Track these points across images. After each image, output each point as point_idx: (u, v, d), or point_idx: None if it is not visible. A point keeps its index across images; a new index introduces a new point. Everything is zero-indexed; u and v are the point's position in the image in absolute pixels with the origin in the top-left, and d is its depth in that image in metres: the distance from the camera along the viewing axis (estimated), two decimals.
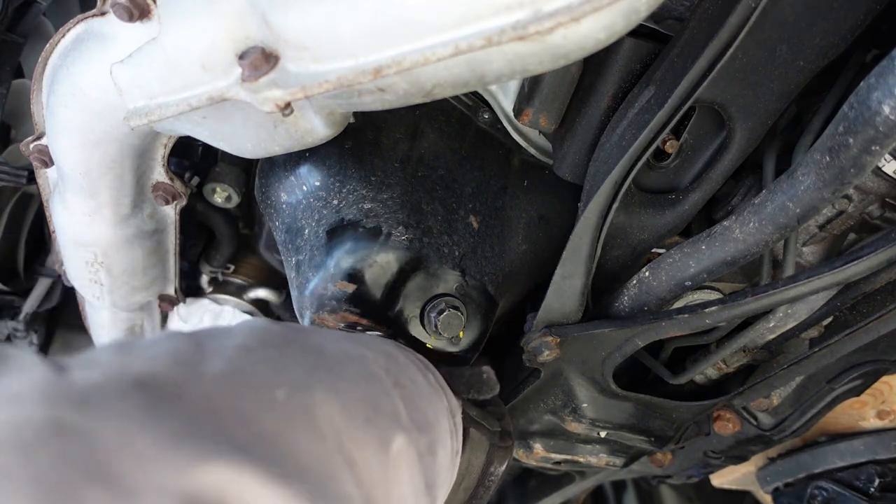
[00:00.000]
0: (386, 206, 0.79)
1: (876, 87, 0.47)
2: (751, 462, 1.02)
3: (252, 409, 0.42)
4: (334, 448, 0.46)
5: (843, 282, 0.58)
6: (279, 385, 0.46)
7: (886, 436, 0.95)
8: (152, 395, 0.38)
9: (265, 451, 0.40)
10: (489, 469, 0.77)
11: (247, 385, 0.44)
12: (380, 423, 0.52)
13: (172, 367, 0.42)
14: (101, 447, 0.33)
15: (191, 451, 0.35)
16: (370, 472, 0.48)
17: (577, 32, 0.46)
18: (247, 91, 0.54)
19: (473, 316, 0.80)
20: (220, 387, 0.42)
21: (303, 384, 0.47)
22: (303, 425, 0.44)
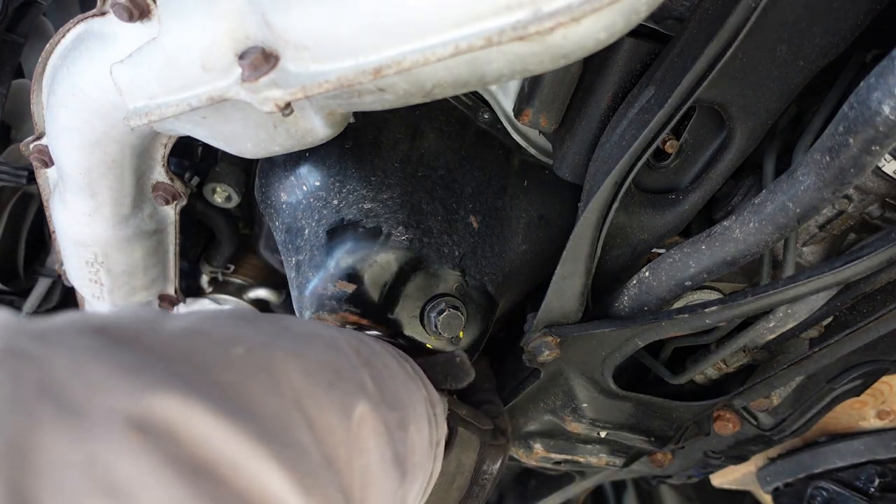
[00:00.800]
0: (386, 206, 0.79)
1: (876, 87, 0.47)
2: (751, 462, 1.02)
3: (207, 360, 0.42)
4: (292, 404, 0.45)
5: (843, 282, 0.58)
6: (238, 343, 0.45)
7: (886, 436, 0.95)
8: (109, 337, 0.39)
9: (218, 394, 0.39)
10: (482, 467, 0.76)
11: (205, 340, 0.44)
12: (343, 388, 0.50)
13: (133, 321, 0.43)
14: (54, 371, 0.34)
15: (142, 382, 0.36)
16: (331, 434, 0.47)
17: (577, 32, 0.46)
18: (247, 91, 0.54)
19: (473, 316, 0.81)
20: (178, 338, 0.43)
21: (263, 344, 0.47)
22: (259, 379, 0.44)
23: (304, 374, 0.47)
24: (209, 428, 0.36)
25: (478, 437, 0.76)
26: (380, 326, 0.77)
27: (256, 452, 0.38)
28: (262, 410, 0.42)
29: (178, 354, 0.41)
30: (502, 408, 0.85)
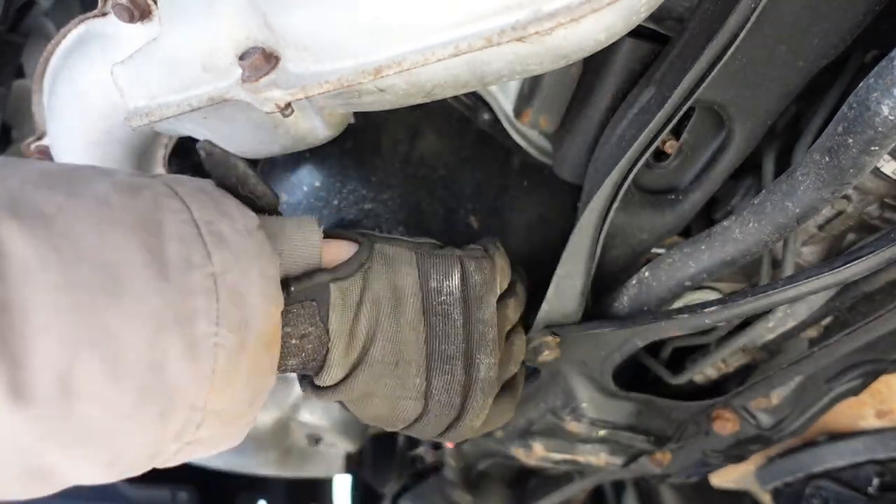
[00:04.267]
0: (386, 206, 0.79)
1: (875, 88, 0.47)
2: (750, 461, 1.02)
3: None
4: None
5: (843, 282, 0.58)
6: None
7: (886, 435, 0.95)
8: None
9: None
10: (429, 285, 0.61)
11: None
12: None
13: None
14: None
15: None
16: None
17: (576, 33, 0.46)
18: (247, 91, 0.54)
19: None
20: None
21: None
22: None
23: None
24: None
25: (409, 249, 0.62)
26: None
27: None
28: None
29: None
30: (490, 244, 0.68)
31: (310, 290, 0.55)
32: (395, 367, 0.60)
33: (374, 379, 0.59)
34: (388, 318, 0.59)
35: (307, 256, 0.57)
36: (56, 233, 0.41)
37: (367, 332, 0.58)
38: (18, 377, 0.38)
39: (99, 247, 0.42)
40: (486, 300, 0.63)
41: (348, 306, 0.57)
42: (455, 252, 0.64)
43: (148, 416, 0.44)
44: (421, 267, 0.61)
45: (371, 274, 0.59)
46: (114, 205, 0.44)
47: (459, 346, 0.62)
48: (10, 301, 0.38)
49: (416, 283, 0.61)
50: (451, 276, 0.62)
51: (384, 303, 0.59)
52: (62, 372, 0.39)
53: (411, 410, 0.63)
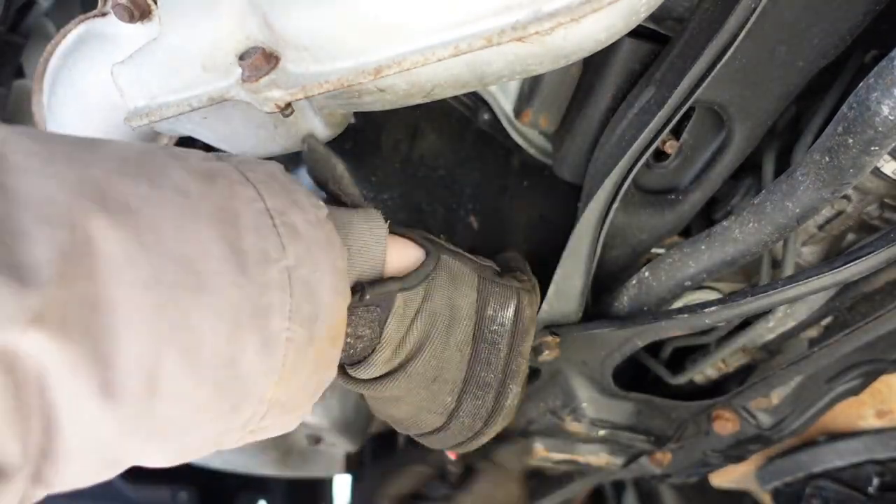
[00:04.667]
0: (386, 206, 0.79)
1: (875, 88, 0.47)
2: (750, 461, 1.02)
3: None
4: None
5: (843, 282, 0.58)
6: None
7: (885, 435, 0.95)
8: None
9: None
10: (485, 312, 0.60)
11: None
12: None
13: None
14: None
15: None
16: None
17: (577, 33, 0.46)
18: (247, 91, 0.54)
19: None
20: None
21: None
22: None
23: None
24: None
25: (473, 269, 0.60)
26: None
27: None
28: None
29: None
30: (530, 275, 0.68)
31: (379, 297, 0.55)
32: (432, 382, 0.60)
33: (409, 388, 0.59)
34: (440, 334, 0.58)
35: (374, 253, 0.56)
36: (142, 227, 0.40)
37: (415, 342, 0.58)
38: (109, 377, 0.38)
39: (181, 240, 0.42)
40: (529, 334, 0.64)
41: (407, 316, 0.56)
42: (514, 283, 0.63)
43: (221, 409, 0.45)
44: (481, 291, 0.61)
45: (433, 286, 0.58)
46: (192, 194, 0.44)
47: (497, 376, 0.62)
48: (101, 299, 0.38)
49: (474, 306, 0.60)
50: (507, 308, 0.61)
51: (440, 319, 0.58)
52: (148, 370, 0.40)
53: (431, 423, 0.64)
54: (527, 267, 0.72)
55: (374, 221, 0.57)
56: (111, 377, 0.38)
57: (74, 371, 0.37)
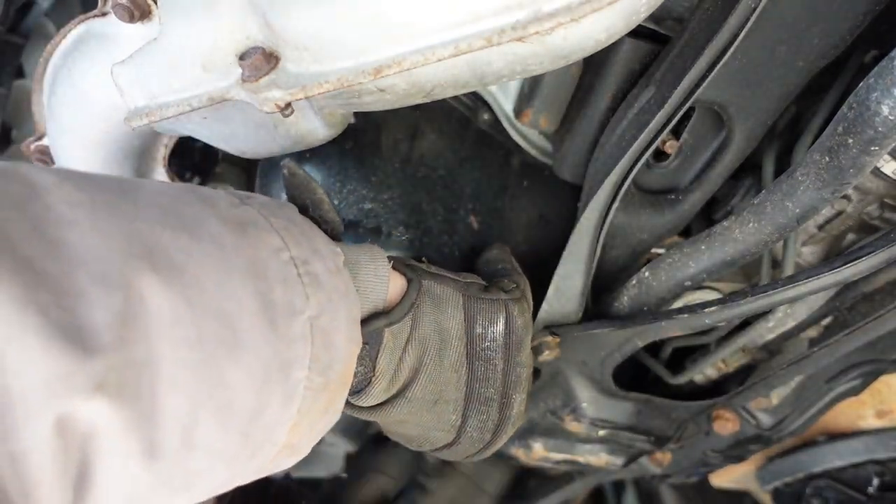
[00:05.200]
0: (386, 206, 0.79)
1: (875, 88, 0.47)
2: (750, 462, 1.02)
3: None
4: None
5: (843, 282, 0.58)
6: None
7: (885, 435, 0.95)
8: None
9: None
10: (475, 330, 0.60)
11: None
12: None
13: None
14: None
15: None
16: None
17: (577, 33, 0.46)
18: (247, 91, 0.54)
19: None
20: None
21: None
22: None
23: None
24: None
25: (456, 290, 0.60)
26: None
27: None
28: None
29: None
30: (518, 276, 0.68)
31: (367, 335, 0.55)
32: (433, 405, 0.60)
33: (411, 412, 0.60)
34: (433, 359, 0.59)
35: (377, 293, 0.57)
36: (188, 284, 0.40)
37: (409, 370, 0.58)
38: (154, 437, 0.38)
39: (221, 296, 0.42)
40: (524, 342, 0.63)
41: (397, 347, 0.57)
42: (501, 296, 0.62)
43: (243, 457, 0.45)
44: (467, 311, 0.60)
45: (419, 314, 0.58)
46: (227, 247, 0.44)
47: (498, 389, 0.62)
48: (151, 359, 0.38)
49: (462, 326, 0.60)
50: (496, 323, 0.61)
51: (430, 345, 0.58)
52: (186, 426, 0.40)
53: (441, 440, 0.64)
54: (513, 264, 0.71)
55: (379, 261, 0.57)
56: (156, 437, 0.38)
57: (125, 434, 0.37)
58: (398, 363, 0.57)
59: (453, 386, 0.60)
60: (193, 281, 0.41)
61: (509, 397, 0.63)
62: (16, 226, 0.35)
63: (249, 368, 0.42)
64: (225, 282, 0.42)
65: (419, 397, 0.59)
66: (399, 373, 0.58)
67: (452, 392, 0.61)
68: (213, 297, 0.41)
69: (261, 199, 0.51)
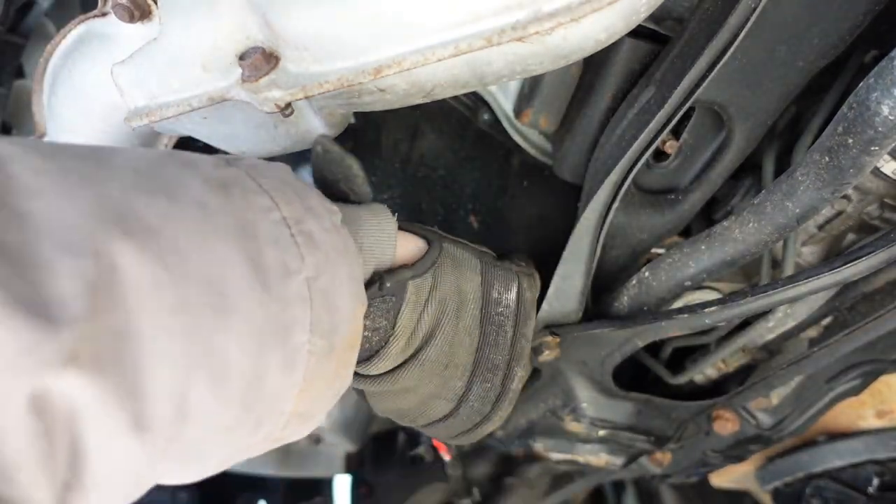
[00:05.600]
0: (386, 206, 0.79)
1: (875, 88, 0.47)
2: (750, 462, 1.02)
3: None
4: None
5: (843, 282, 0.58)
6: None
7: (885, 435, 0.95)
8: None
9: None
10: (490, 295, 0.61)
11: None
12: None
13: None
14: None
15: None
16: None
17: (577, 33, 0.46)
18: (247, 91, 0.54)
19: None
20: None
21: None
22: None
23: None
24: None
25: (475, 256, 0.61)
26: None
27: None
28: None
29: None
30: (528, 259, 0.69)
31: (393, 287, 0.55)
32: (444, 368, 0.60)
33: (422, 376, 0.59)
34: (450, 319, 0.59)
35: (384, 248, 0.56)
36: (166, 248, 0.38)
37: (427, 329, 0.58)
38: (140, 409, 0.37)
39: (204, 260, 0.40)
40: (531, 315, 0.64)
41: (418, 303, 0.56)
42: (513, 267, 0.63)
43: (246, 427, 0.44)
44: (484, 274, 0.61)
45: (440, 273, 0.58)
46: (210, 207, 0.42)
47: (504, 357, 0.63)
48: (130, 329, 0.36)
49: (479, 289, 0.60)
50: (510, 290, 0.62)
51: (449, 304, 0.58)
52: (178, 397, 0.38)
53: (440, 411, 0.64)
54: (527, 259, 0.72)
55: (383, 216, 0.57)
56: (142, 409, 0.37)
57: (107, 407, 0.35)
58: (417, 321, 0.57)
59: (465, 349, 0.60)
60: (171, 245, 0.39)
61: (512, 368, 0.63)
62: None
63: (241, 333, 0.41)
64: (208, 245, 0.40)
65: (433, 359, 0.58)
66: (417, 332, 0.57)
67: (463, 356, 0.60)
68: (196, 262, 0.39)
69: (250, 160, 0.50)
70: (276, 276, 0.43)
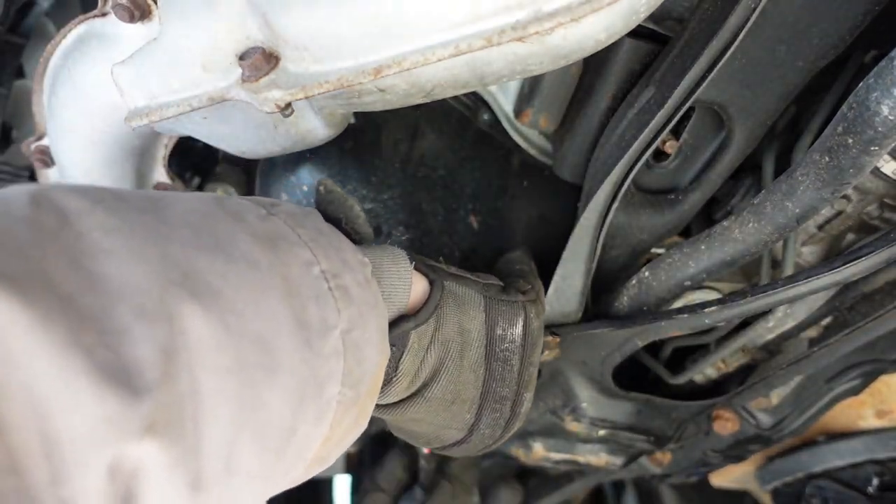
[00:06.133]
0: (386, 206, 0.79)
1: (875, 88, 0.47)
2: (750, 461, 1.03)
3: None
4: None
5: (842, 282, 0.58)
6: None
7: (885, 435, 0.95)
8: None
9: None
10: (495, 332, 0.60)
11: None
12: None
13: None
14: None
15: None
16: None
17: (576, 33, 0.46)
18: (247, 91, 0.54)
19: None
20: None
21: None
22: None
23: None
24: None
25: (478, 291, 0.61)
26: None
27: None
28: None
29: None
30: (534, 279, 0.68)
31: (394, 338, 0.55)
32: (451, 404, 0.60)
33: (428, 410, 0.60)
34: (454, 360, 0.59)
35: (401, 296, 0.56)
36: (225, 309, 0.39)
37: (431, 370, 0.58)
38: (197, 469, 0.37)
39: (257, 319, 0.41)
40: (538, 343, 0.64)
41: (421, 348, 0.57)
42: (519, 298, 0.63)
43: (277, 475, 0.45)
44: (489, 312, 0.60)
45: (443, 315, 0.58)
46: (261, 266, 0.43)
47: (512, 388, 0.62)
48: (196, 390, 0.37)
49: (483, 327, 0.60)
50: (515, 325, 0.61)
51: (452, 345, 0.59)
52: (228, 453, 0.39)
53: (452, 438, 0.64)
54: (531, 266, 0.72)
55: (402, 264, 0.57)
56: (200, 469, 0.37)
57: (172, 470, 0.36)
58: (420, 363, 0.57)
59: (471, 385, 0.60)
60: (230, 305, 0.40)
61: (521, 395, 0.63)
62: (53, 261, 0.34)
63: (286, 389, 0.42)
64: (261, 303, 0.41)
65: (438, 397, 0.59)
66: (420, 372, 0.58)
67: (470, 391, 0.61)
68: (251, 321, 0.40)
69: (286, 207, 0.51)
70: (318, 332, 0.44)
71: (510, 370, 0.61)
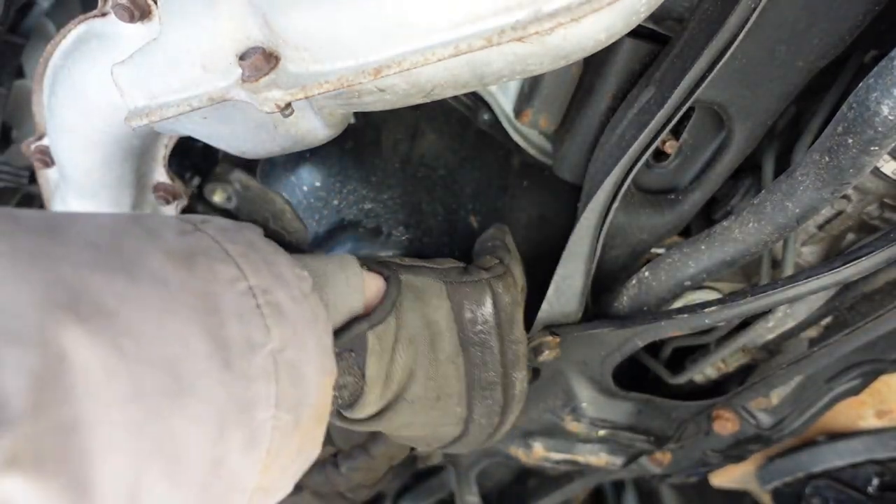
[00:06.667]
0: (386, 206, 0.79)
1: (875, 88, 0.47)
2: (750, 461, 1.03)
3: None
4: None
5: (842, 282, 0.58)
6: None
7: (885, 435, 0.95)
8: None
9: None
10: (464, 315, 0.57)
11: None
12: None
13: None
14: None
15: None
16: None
17: (576, 33, 0.46)
18: (247, 91, 0.54)
19: None
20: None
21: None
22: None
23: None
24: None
25: (437, 279, 0.58)
26: None
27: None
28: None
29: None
30: (504, 253, 0.65)
31: (349, 342, 0.53)
32: (436, 401, 0.58)
33: (414, 413, 0.58)
34: (426, 355, 0.57)
35: (350, 303, 0.54)
36: (121, 332, 0.36)
37: (404, 371, 0.56)
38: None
39: (162, 342, 0.38)
40: (515, 318, 0.61)
41: (385, 350, 0.54)
42: (482, 275, 0.60)
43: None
44: (452, 298, 0.58)
45: (403, 311, 0.55)
46: (171, 283, 0.40)
47: (497, 371, 0.60)
48: (78, 423, 0.34)
49: (450, 315, 0.57)
50: (483, 304, 0.59)
51: (420, 340, 0.56)
52: (129, 488, 0.36)
53: (450, 434, 0.63)
54: (504, 242, 0.68)
55: (350, 270, 0.54)
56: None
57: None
58: (388, 366, 0.55)
59: (453, 378, 0.59)
60: (127, 328, 0.37)
61: (510, 377, 0.61)
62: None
63: (199, 416, 0.39)
64: (166, 324, 0.39)
65: (421, 396, 0.57)
66: (392, 376, 0.55)
67: (454, 385, 0.59)
68: (152, 344, 0.38)
69: (219, 222, 0.48)
70: (239, 352, 0.42)
71: (490, 352, 0.59)
